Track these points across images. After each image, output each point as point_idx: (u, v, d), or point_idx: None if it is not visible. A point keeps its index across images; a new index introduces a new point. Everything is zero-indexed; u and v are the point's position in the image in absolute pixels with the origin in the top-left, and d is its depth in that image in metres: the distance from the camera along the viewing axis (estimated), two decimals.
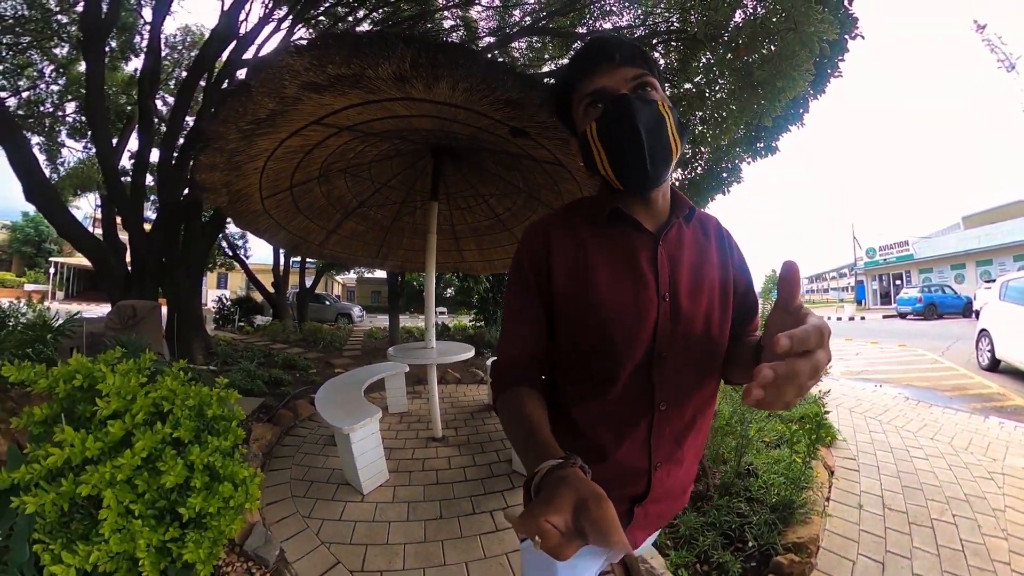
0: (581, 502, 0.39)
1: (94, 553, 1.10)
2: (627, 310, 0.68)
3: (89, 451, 1.19)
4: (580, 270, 0.70)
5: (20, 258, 29.24)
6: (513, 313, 0.74)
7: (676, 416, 0.72)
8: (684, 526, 2.02)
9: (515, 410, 0.65)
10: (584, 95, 0.68)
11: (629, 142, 0.63)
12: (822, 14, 2.89)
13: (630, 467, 0.71)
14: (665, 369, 0.69)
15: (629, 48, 0.67)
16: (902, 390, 5.47)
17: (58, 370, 1.35)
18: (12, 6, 6.95)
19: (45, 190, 4.51)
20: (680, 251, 0.73)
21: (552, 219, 0.76)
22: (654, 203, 0.73)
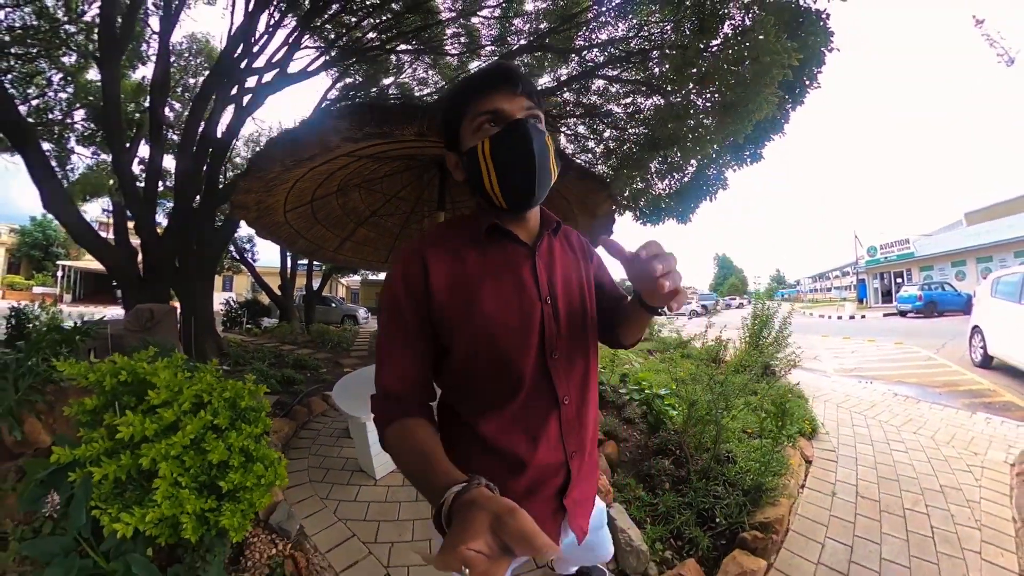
0: (496, 519, 0.40)
1: (149, 513, 1.30)
2: (514, 316, 0.71)
3: (147, 431, 1.41)
4: (462, 285, 0.71)
5: (28, 261, 29.73)
6: (388, 341, 0.73)
7: (578, 405, 0.78)
8: (663, 504, 2.19)
9: (405, 444, 0.64)
10: (480, 112, 0.69)
11: (522, 165, 0.67)
12: (780, 44, 3.04)
13: (550, 465, 0.75)
14: (559, 365, 0.75)
15: (529, 83, 0.72)
16: (892, 387, 5.56)
17: (105, 366, 1.55)
18: (21, 16, 7.14)
19: (62, 199, 4.69)
20: (553, 260, 0.80)
21: (426, 240, 0.77)
22: (528, 220, 0.78)
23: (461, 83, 0.73)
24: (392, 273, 0.75)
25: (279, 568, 1.68)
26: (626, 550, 1.86)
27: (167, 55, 6.08)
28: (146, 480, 1.39)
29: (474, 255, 0.74)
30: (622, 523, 1.98)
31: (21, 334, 4.13)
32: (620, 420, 3.34)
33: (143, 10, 6.49)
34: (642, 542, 1.89)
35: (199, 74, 9.76)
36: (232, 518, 1.42)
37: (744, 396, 3.29)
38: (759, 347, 5.15)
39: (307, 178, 1.79)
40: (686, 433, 2.71)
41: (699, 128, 4.01)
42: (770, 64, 3.00)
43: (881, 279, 29.53)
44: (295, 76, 6.94)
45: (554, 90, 6.89)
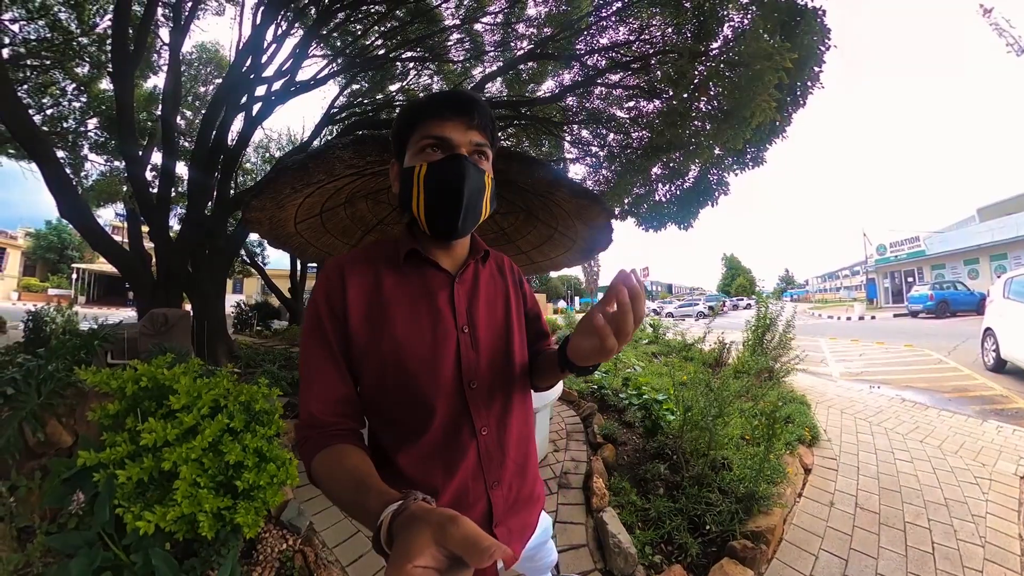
0: (438, 530, 0.38)
1: (170, 512, 1.38)
2: (425, 345, 0.70)
3: (169, 436, 1.50)
4: (377, 308, 0.70)
5: (44, 264, 30.62)
6: (311, 364, 0.69)
7: (499, 435, 0.76)
8: (655, 509, 2.19)
9: (335, 472, 0.60)
10: (428, 135, 0.69)
11: (450, 199, 0.68)
12: (773, 46, 3.03)
13: (468, 495, 0.72)
14: (478, 395, 0.73)
15: (487, 116, 0.71)
16: (900, 392, 5.40)
17: (127, 374, 1.64)
18: (36, 29, 7.42)
19: (79, 206, 4.83)
20: (477, 288, 0.79)
21: (348, 258, 0.75)
22: (454, 247, 0.78)
23: (420, 100, 0.73)
24: (315, 289, 0.73)
25: (289, 562, 1.76)
26: (615, 552, 1.88)
27: (178, 65, 6.26)
28: (167, 481, 1.48)
29: (392, 279, 0.73)
30: (613, 527, 1.99)
31: (39, 337, 4.24)
32: (620, 424, 3.37)
33: (154, 22, 6.65)
34: (631, 545, 1.90)
35: (209, 83, 10.03)
36: (247, 515, 1.50)
37: (740, 402, 3.25)
38: (763, 350, 5.09)
39: (315, 194, 1.88)
40: (682, 438, 2.70)
41: (698, 134, 4.04)
42: (763, 70, 3.01)
43: (891, 278, 29.10)
44: (303, 85, 7.08)
45: (557, 96, 6.96)
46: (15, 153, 8.31)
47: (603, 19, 5.83)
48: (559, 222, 2.76)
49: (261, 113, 6.86)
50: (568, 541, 2.07)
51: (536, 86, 7.90)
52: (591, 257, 3.06)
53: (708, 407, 2.61)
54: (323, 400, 0.68)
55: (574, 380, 4.59)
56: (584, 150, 7.39)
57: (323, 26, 6.77)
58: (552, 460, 2.93)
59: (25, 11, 7.13)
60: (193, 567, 1.50)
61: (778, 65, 3.03)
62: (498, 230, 4.06)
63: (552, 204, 2.23)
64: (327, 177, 1.58)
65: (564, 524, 2.20)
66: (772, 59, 3.00)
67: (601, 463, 2.72)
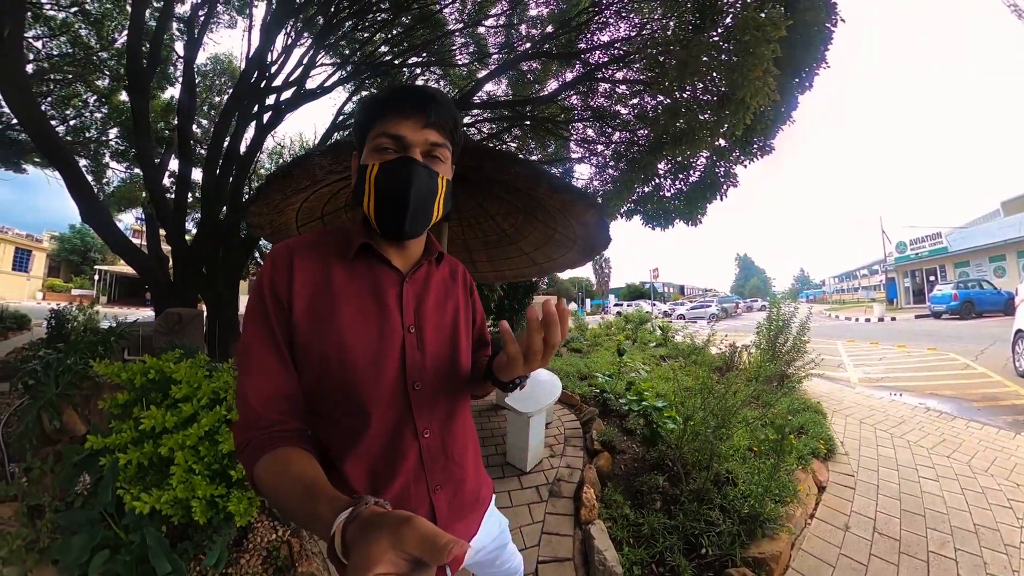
0: (394, 534, 0.37)
1: (164, 495, 1.45)
2: (370, 342, 0.68)
3: (167, 423, 1.58)
4: (323, 300, 0.68)
5: (68, 265, 32.14)
6: (251, 355, 0.65)
7: (442, 438, 0.76)
8: (648, 525, 2.04)
9: (279, 478, 0.56)
10: (383, 132, 0.68)
11: (397, 201, 0.68)
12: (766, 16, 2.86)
13: (409, 499, 0.72)
14: (421, 397, 0.72)
15: (446, 113, 0.70)
16: (923, 400, 5.09)
17: (136, 367, 1.74)
18: (58, 45, 7.87)
19: (99, 211, 5.02)
20: (427, 289, 0.79)
21: (298, 242, 0.73)
22: (407, 246, 0.78)
23: (381, 94, 0.72)
24: (260, 275, 0.70)
25: (276, 551, 1.81)
26: (599, 569, 1.79)
27: (192, 76, 6.48)
28: (165, 466, 1.55)
29: (341, 272, 0.71)
30: (600, 542, 1.90)
31: (61, 333, 4.45)
32: (620, 431, 3.27)
33: (169, 36, 6.89)
34: (617, 564, 1.79)
35: (223, 92, 10.36)
36: (239, 504, 1.55)
37: (747, 410, 3.04)
38: (775, 354, 4.90)
39: (312, 199, 1.94)
40: (683, 449, 2.54)
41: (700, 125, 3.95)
42: (753, 41, 2.84)
43: (912, 277, 27.95)
44: (312, 93, 7.25)
45: (559, 92, 6.97)
46: (40, 161, 8.70)
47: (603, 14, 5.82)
48: (556, 222, 2.74)
49: (272, 121, 7.07)
50: (552, 553, 2.00)
51: (542, 87, 7.93)
52: (592, 257, 3.03)
53: (708, 416, 2.45)
54: (265, 395, 0.63)
55: (576, 383, 4.57)
56: (590, 150, 7.38)
57: (330, 35, 6.92)
58: (547, 466, 2.85)
59: (47, 29, 7.56)
60: (185, 549, 1.57)
61: (771, 36, 2.85)
62: (499, 231, 4.08)
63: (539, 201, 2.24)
64: (311, 182, 1.64)
65: (550, 535, 2.12)
66: (763, 29, 2.82)
67: (594, 472, 2.61)
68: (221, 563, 1.57)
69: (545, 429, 3.19)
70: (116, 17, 7.81)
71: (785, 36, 2.99)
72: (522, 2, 7.14)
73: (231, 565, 1.66)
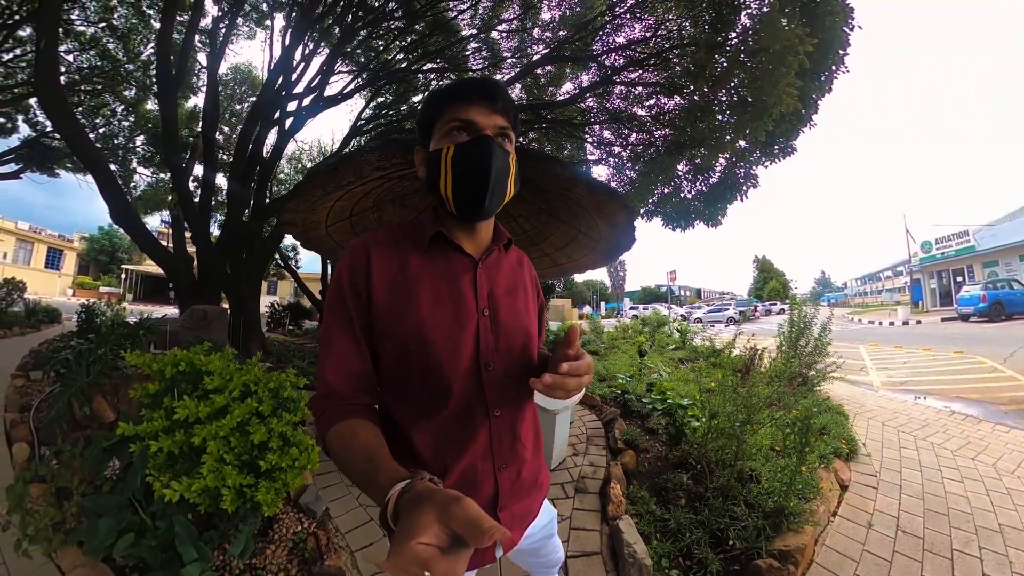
0: (441, 509, 0.40)
1: (195, 484, 1.47)
2: (448, 325, 0.72)
3: (201, 413, 1.61)
4: (402, 288, 0.72)
5: (96, 264, 34.04)
6: (332, 336, 0.72)
7: (511, 418, 0.78)
8: (674, 520, 2.08)
9: (347, 444, 0.63)
10: (453, 118, 0.71)
11: (477, 178, 0.69)
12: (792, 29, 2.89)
13: (476, 474, 0.75)
14: (493, 377, 0.74)
15: (509, 102, 0.74)
16: (949, 403, 4.98)
17: (167, 358, 1.78)
18: (88, 58, 8.40)
19: (128, 213, 5.24)
20: (498, 274, 0.81)
21: (373, 238, 0.77)
22: (478, 231, 0.79)
23: (445, 87, 0.75)
24: (338, 267, 0.75)
25: (302, 543, 1.82)
26: (628, 562, 1.83)
27: (215, 86, 6.75)
28: (195, 455, 1.58)
29: (417, 260, 0.75)
30: (629, 536, 1.94)
31: (91, 327, 4.67)
32: (643, 430, 3.28)
33: (193, 47, 7.17)
34: (647, 556, 1.84)
35: (245, 100, 10.78)
36: (267, 495, 1.58)
37: (771, 410, 3.07)
38: (796, 356, 4.84)
39: (345, 198, 1.99)
40: (707, 447, 2.58)
41: (721, 127, 3.94)
42: (783, 52, 2.87)
43: (938, 278, 26.69)
44: (331, 99, 7.42)
45: (576, 98, 6.98)
46: (72, 166, 9.20)
47: (618, 17, 5.82)
48: (581, 222, 2.76)
49: (293, 127, 7.26)
50: (581, 548, 2.03)
51: (555, 89, 7.96)
52: (615, 258, 3.04)
53: (735, 413, 2.47)
54: (340, 372, 0.70)
55: (596, 385, 4.56)
56: (607, 151, 7.36)
57: (347, 44, 7.10)
58: (570, 464, 2.88)
59: (78, 44, 8.09)
60: (211, 538, 1.59)
61: (798, 49, 2.89)
62: (521, 233, 4.12)
63: (572, 203, 2.26)
64: (356, 179, 1.67)
65: (578, 530, 2.16)
66: (791, 42, 2.87)
67: (620, 469, 2.65)
68: (246, 553, 1.59)
69: None
70: (141, 31, 8.28)
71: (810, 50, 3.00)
72: (534, 6, 7.19)
73: (256, 555, 1.67)
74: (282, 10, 7.19)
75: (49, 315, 8.31)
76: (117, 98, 9.39)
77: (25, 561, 1.46)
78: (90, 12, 7.93)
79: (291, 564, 1.71)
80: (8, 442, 2.55)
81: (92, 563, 1.50)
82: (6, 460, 2.43)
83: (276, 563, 1.69)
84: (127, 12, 8.10)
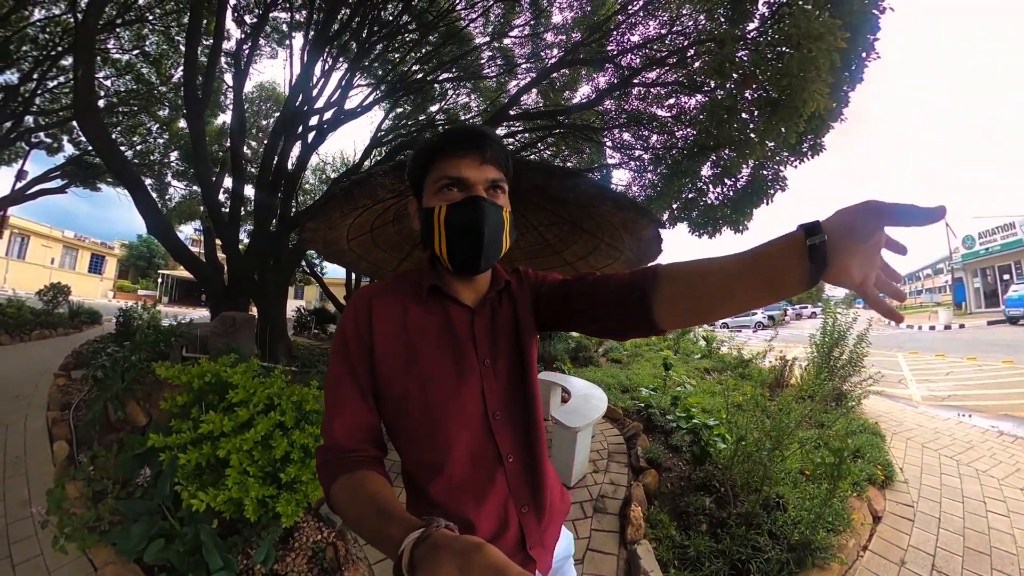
0: (463, 559, 0.38)
1: (220, 495, 1.52)
2: (449, 378, 0.72)
3: (225, 427, 1.67)
4: (403, 340, 0.72)
5: (135, 269, 37.05)
6: (337, 388, 0.71)
7: (524, 461, 0.77)
8: (694, 548, 2.01)
9: (356, 496, 0.61)
10: (444, 175, 0.70)
11: (471, 239, 0.69)
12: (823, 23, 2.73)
13: (498, 522, 0.73)
14: (502, 424, 0.74)
15: (499, 149, 0.73)
16: (997, 422, 4.57)
17: (195, 370, 1.85)
18: (124, 82, 9.25)
19: (162, 225, 5.53)
20: (497, 321, 0.79)
21: (376, 288, 0.78)
22: (475, 281, 0.79)
23: (433, 140, 0.74)
24: (343, 319, 0.76)
25: (321, 552, 1.85)
26: None
27: (241, 103, 7.09)
28: (221, 467, 1.64)
29: (416, 311, 0.75)
30: (647, 563, 1.89)
31: (127, 330, 5.02)
32: (666, 447, 3.17)
33: (218, 68, 7.54)
34: None
35: (269, 116, 11.40)
36: (287, 506, 1.61)
37: (802, 431, 2.93)
38: (829, 368, 4.55)
39: (364, 215, 2.04)
40: (732, 470, 2.46)
41: (747, 128, 3.79)
42: (815, 53, 2.73)
43: (983, 276, 24.60)
44: (351, 112, 7.66)
45: (594, 102, 6.92)
46: (112, 181, 9.95)
47: (632, 16, 5.73)
48: (604, 232, 2.74)
49: (316, 140, 7.52)
50: (596, 570, 1.98)
51: (571, 92, 7.92)
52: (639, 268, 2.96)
53: (763, 438, 2.37)
54: (347, 426, 0.69)
55: (618, 396, 4.41)
56: (627, 154, 7.26)
57: (364, 58, 7.31)
58: (590, 482, 2.82)
59: (114, 69, 8.92)
60: (235, 544, 1.64)
61: (831, 46, 2.74)
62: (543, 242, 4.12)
63: (597, 215, 2.24)
64: (371, 201, 1.70)
65: (594, 552, 2.10)
66: (824, 39, 2.71)
67: (642, 490, 2.56)
68: (269, 560, 1.63)
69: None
70: (172, 56, 8.89)
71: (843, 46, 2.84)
72: (545, 11, 7.19)
73: (278, 562, 1.71)
74: (300, 29, 7.47)
75: (91, 316, 8.94)
76: (152, 118, 10.11)
77: (61, 554, 1.56)
78: (124, 41, 8.60)
79: (311, 572, 1.75)
80: (50, 439, 2.74)
81: (122, 561, 1.58)
82: (47, 456, 2.60)
83: (296, 571, 1.72)
84: (158, 39, 8.71)
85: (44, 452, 2.63)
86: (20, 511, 2.09)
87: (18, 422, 3.03)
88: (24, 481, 2.37)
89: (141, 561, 1.58)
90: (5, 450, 2.69)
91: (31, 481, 2.37)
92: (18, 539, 1.90)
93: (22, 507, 2.10)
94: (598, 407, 3.06)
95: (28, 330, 6.86)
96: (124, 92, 9.24)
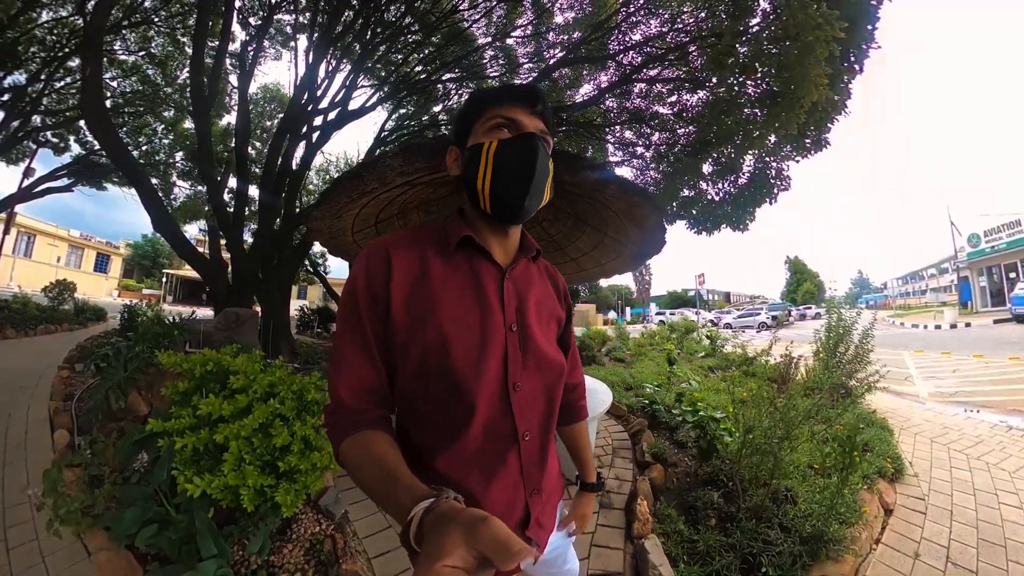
0: (468, 530, 0.38)
1: (216, 481, 1.51)
2: (473, 339, 0.66)
3: (224, 411, 1.65)
4: (423, 295, 0.67)
5: (140, 269, 37.70)
6: (344, 345, 0.66)
7: (540, 442, 0.74)
8: (703, 542, 1.97)
9: (363, 458, 0.59)
10: (497, 115, 0.69)
11: (521, 174, 0.67)
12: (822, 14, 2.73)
13: (506, 504, 0.70)
14: (521, 398, 0.69)
15: (548, 108, 0.73)
16: (1005, 417, 4.56)
17: (196, 358, 1.84)
18: (130, 84, 9.38)
19: (168, 223, 5.57)
20: (527, 286, 0.76)
21: (394, 239, 0.71)
22: (508, 239, 0.75)
23: (488, 88, 0.74)
24: (353, 271, 0.69)
25: (319, 544, 1.82)
26: None
27: (246, 104, 7.11)
28: (219, 452, 1.62)
29: (439, 265, 0.69)
30: (655, 557, 1.85)
31: (131, 325, 5.06)
32: (671, 443, 3.14)
33: (224, 70, 7.62)
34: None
35: (273, 117, 11.48)
36: (286, 496, 1.59)
37: (810, 424, 2.88)
38: (835, 364, 4.51)
39: (370, 205, 2.02)
40: (740, 463, 2.43)
41: (748, 122, 3.77)
42: (813, 42, 2.73)
43: (989, 275, 24.36)
44: (355, 113, 7.71)
45: (595, 99, 6.93)
46: (118, 180, 10.06)
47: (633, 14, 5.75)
48: (608, 226, 2.72)
49: (319, 140, 7.56)
50: (603, 567, 1.95)
51: (574, 92, 7.94)
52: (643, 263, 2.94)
53: (773, 428, 2.33)
54: (352, 387, 0.65)
55: (622, 394, 4.43)
56: (629, 152, 7.26)
57: (367, 59, 7.36)
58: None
59: (121, 71, 9.09)
60: (231, 533, 1.62)
61: (829, 35, 2.73)
62: (547, 238, 4.10)
63: (600, 206, 2.21)
64: (380, 186, 1.69)
65: (601, 548, 2.07)
66: (822, 28, 2.71)
67: (647, 485, 2.52)
68: (264, 551, 1.61)
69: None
70: (177, 58, 8.99)
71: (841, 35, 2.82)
72: (548, 11, 7.22)
73: (274, 553, 1.69)
74: (305, 31, 7.54)
75: (96, 314, 9.01)
76: (157, 118, 10.22)
77: (55, 539, 1.55)
78: (130, 42, 8.74)
79: (308, 564, 1.72)
80: (51, 428, 2.76)
81: (116, 548, 1.57)
82: (47, 444, 2.60)
83: (293, 562, 1.69)
84: (163, 41, 8.81)
85: (45, 440, 2.64)
86: (18, 496, 2.09)
87: (21, 412, 3.06)
88: (24, 468, 2.39)
89: (135, 548, 1.57)
90: (6, 438, 2.71)
91: (30, 467, 2.38)
92: (14, 523, 1.90)
93: (20, 492, 2.11)
94: (603, 400, 3.03)
95: (33, 325, 6.91)
96: (130, 93, 9.38)
